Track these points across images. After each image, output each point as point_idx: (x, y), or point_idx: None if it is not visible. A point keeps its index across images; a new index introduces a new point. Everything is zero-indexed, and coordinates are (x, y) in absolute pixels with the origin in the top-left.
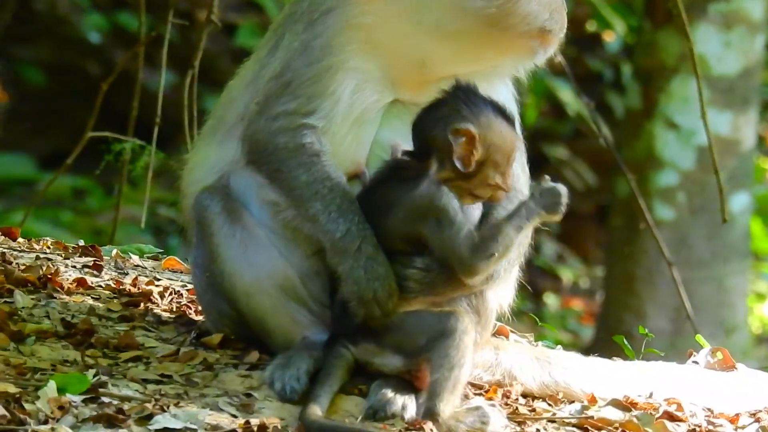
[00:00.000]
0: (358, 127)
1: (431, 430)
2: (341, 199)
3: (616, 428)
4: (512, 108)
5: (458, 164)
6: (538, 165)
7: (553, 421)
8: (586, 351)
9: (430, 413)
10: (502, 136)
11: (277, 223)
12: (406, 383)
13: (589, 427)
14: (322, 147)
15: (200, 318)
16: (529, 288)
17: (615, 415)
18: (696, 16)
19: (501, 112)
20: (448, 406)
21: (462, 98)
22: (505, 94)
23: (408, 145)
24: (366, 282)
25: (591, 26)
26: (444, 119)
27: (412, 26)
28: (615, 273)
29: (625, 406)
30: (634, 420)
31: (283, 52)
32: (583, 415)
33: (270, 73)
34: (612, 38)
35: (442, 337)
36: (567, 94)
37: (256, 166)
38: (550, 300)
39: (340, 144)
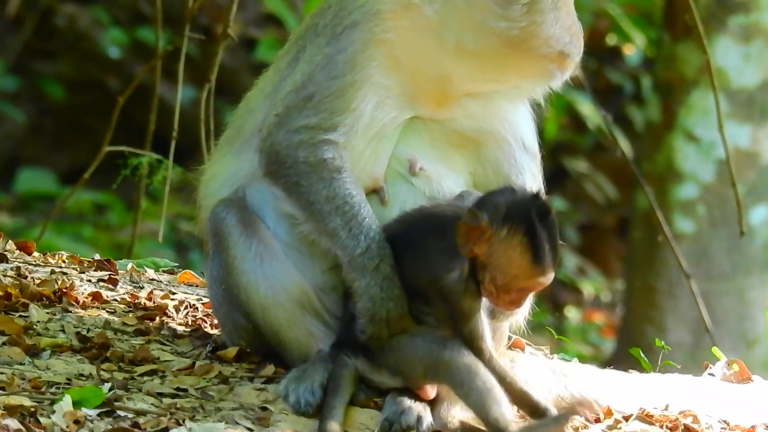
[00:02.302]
0: (377, 142)
1: None
2: (361, 216)
3: None
4: (531, 130)
5: (457, 241)
6: (558, 178)
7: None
8: (607, 364)
9: None
10: (510, 260)
11: (294, 236)
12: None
13: None
14: (343, 163)
15: (215, 331)
16: (550, 301)
17: (642, 429)
18: (715, 29)
19: (538, 246)
20: (503, 414)
21: (516, 204)
22: (523, 114)
23: (425, 160)
24: (381, 301)
25: (611, 40)
26: (480, 202)
27: (435, 44)
28: (636, 286)
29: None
30: None
31: (305, 64)
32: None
33: (291, 85)
34: (632, 51)
35: (442, 369)
36: (587, 108)
37: (273, 178)
38: (572, 313)
39: (358, 159)
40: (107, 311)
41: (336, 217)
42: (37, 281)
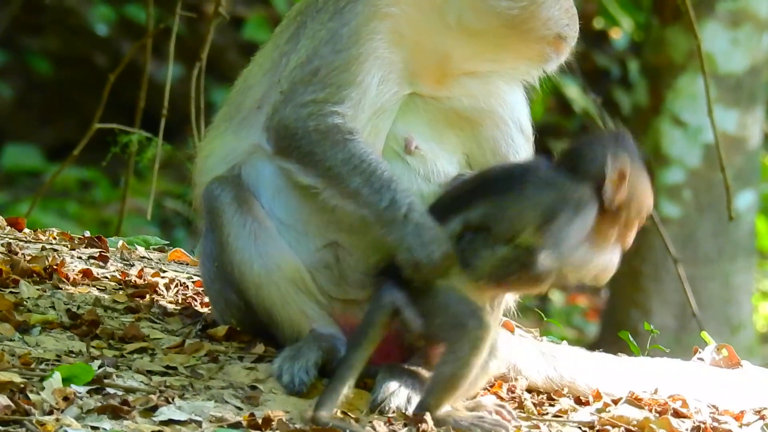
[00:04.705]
0: (377, 118)
1: (432, 428)
2: (380, 170)
3: (633, 427)
4: (526, 113)
5: (607, 194)
6: None
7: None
8: (591, 347)
9: (422, 407)
10: (645, 190)
11: (290, 213)
12: (412, 376)
13: (609, 427)
14: (354, 126)
15: (206, 310)
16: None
17: (631, 413)
18: (704, 14)
19: (646, 170)
20: (441, 402)
21: (624, 142)
22: (519, 96)
23: (421, 139)
24: (419, 248)
25: (598, 23)
26: (611, 152)
27: (436, 20)
28: (621, 269)
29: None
30: (651, 418)
31: (309, 40)
32: (600, 416)
33: (295, 61)
34: (619, 35)
35: (460, 331)
36: (574, 91)
37: (285, 154)
38: (556, 296)
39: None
40: (97, 288)
41: (355, 177)
42: (28, 258)
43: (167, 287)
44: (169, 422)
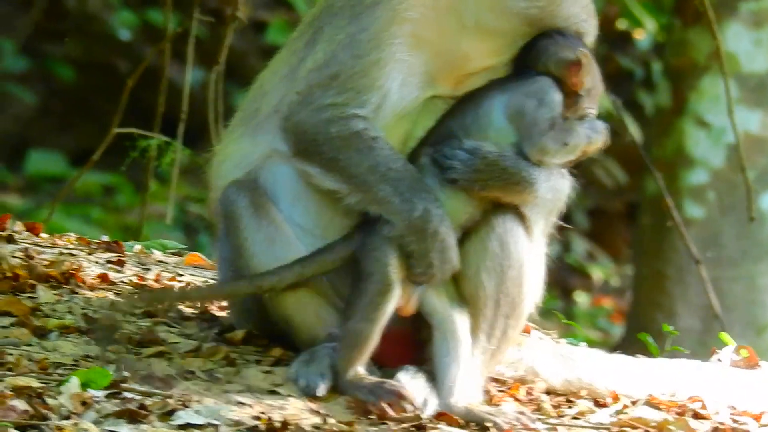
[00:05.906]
0: (397, 122)
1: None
2: (411, 179)
3: (652, 428)
4: None
5: (575, 83)
6: None
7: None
8: (616, 349)
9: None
10: (597, 71)
11: (310, 218)
12: (428, 379)
13: (628, 428)
14: (377, 132)
15: (223, 314)
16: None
17: (650, 415)
18: (726, 15)
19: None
20: (351, 363)
21: (565, 36)
22: None
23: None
24: (439, 265)
25: (621, 24)
26: (569, 46)
27: (454, 21)
28: (644, 271)
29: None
30: (670, 419)
31: (326, 44)
32: (618, 418)
33: (312, 63)
34: (642, 36)
35: (361, 283)
36: None
37: (305, 157)
38: (581, 298)
39: None
40: (114, 293)
41: (384, 185)
42: (45, 262)
43: None
44: (187, 426)
